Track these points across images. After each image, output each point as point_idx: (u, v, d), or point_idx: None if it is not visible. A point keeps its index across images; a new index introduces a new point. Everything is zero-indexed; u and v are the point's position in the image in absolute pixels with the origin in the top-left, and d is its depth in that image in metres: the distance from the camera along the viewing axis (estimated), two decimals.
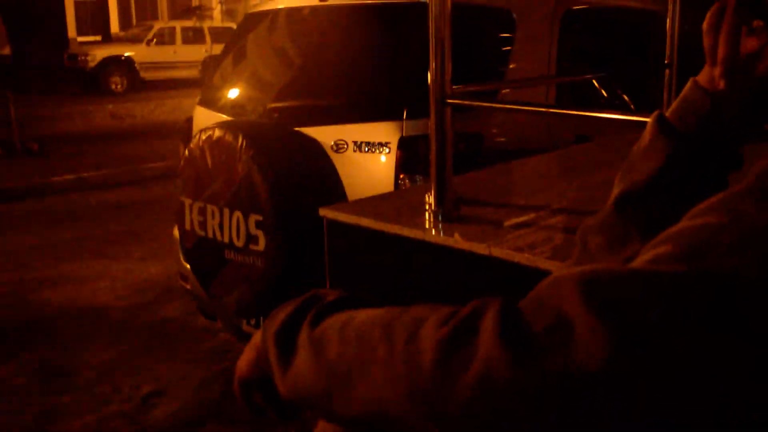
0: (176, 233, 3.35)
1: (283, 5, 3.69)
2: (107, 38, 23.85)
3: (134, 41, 19.71)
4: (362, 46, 3.36)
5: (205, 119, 3.65)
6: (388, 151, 2.91)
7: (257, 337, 0.94)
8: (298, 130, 3.11)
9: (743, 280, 0.60)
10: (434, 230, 1.70)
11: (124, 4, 29.95)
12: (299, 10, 3.62)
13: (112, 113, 13.82)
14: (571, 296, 0.62)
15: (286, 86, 3.57)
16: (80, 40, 23.41)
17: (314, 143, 3.05)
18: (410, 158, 2.88)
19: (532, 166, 2.49)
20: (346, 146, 3.00)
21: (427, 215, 1.78)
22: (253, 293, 2.85)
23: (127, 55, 18.76)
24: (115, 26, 27.08)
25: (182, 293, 4.10)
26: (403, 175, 2.87)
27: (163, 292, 4.99)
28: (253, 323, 3.21)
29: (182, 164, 3.09)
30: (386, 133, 2.93)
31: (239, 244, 2.83)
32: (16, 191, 8.01)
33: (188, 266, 3.27)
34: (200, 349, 4.18)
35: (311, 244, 2.16)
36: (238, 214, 2.82)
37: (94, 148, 10.33)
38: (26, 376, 3.89)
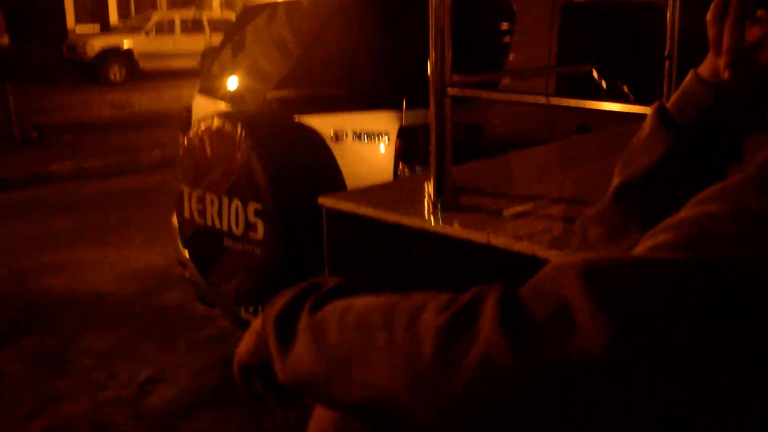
0: (175, 221, 3.35)
1: None
2: (106, 28, 23.80)
3: (133, 31, 19.62)
4: (362, 35, 3.35)
5: (204, 108, 3.64)
6: (387, 140, 2.91)
7: (257, 323, 0.94)
8: (297, 119, 3.11)
9: (744, 270, 0.59)
10: (433, 219, 1.70)
11: None
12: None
13: (110, 103, 13.79)
14: (572, 284, 0.62)
15: (285, 76, 3.56)
16: (79, 30, 23.34)
17: (313, 132, 3.05)
18: (409, 148, 2.88)
19: (531, 156, 2.48)
20: (345, 135, 2.99)
21: (426, 204, 1.78)
22: (251, 281, 2.85)
23: (126, 45, 18.68)
24: (114, 16, 27.01)
25: (181, 281, 4.10)
26: (402, 164, 2.87)
27: (162, 279, 4.99)
28: (251, 311, 3.21)
29: (181, 153, 3.09)
30: (386, 122, 2.93)
31: (238, 232, 2.83)
32: (15, 180, 8.00)
33: (187, 254, 3.28)
34: (198, 336, 4.18)
35: (310, 232, 2.16)
36: (237, 202, 2.82)
37: (93, 137, 10.30)
38: (24, 362, 3.89)
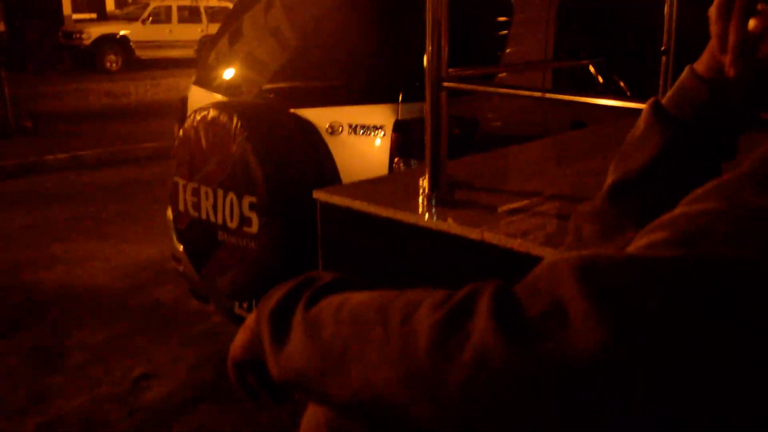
0: (170, 214, 3.34)
1: None
2: (103, 16, 23.69)
3: (130, 19, 19.54)
4: (358, 28, 3.33)
5: (200, 99, 3.63)
6: (383, 134, 2.90)
7: (251, 318, 0.93)
8: (292, 111, 3.10)
9: (741, 270, 0.58)
10: (428, 214, 1.70)
11: None
12: None
13: (107, 92, 13.75)
14: (567, 281, 0.61)
15: (281, 67, 3.55)
16: (75, 17, 23.20)
17: (309, 125, 3.04)
18: (405, 142, 2.87)
19: (527, 151, 2.48)
20: (341, 129, 2.99)
21: (421, 199, 1.77)
22: (245, 275, 2.84)
23: (122, 33, 18.60)
24: (110, 4, 26.84)
25: (176, 275, 4.09)
26: (397, 158, 2.86)
27: (157, 273, 4.98)
28: (245, 306, 3.21)
29: (176, 144, 3.08)
30: (381, 116, 2.92)
31: (232, 225, 2.83)
32: (9, 169, 7.96)
33: (181, 248, 3.27)
34: (193, 331, 4.17)
35: (304, 226, 2.15)
36: (231, 195, 2.81)
37: (88, 126, 10.26)
38: (18, 356, 3.88)
